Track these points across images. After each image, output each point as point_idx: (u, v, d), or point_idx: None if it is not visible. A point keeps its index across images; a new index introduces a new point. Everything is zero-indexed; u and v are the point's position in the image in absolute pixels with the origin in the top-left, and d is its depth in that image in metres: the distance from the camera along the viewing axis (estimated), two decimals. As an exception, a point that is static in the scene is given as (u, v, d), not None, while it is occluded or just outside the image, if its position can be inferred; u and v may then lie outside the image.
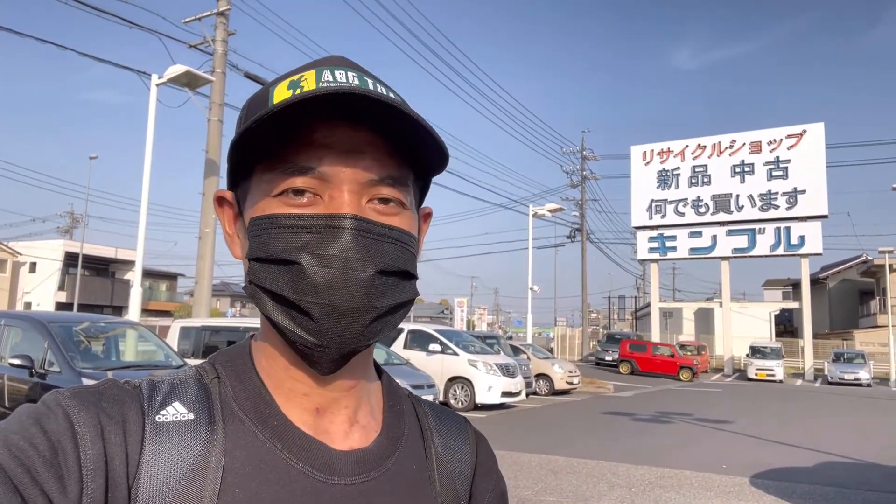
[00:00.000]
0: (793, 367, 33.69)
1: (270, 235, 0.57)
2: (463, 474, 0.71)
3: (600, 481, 7.63)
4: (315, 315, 0.56)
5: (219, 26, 15.68)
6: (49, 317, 7.90)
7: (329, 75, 0.59)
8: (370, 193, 0.59)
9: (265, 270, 0.58)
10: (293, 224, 0.57)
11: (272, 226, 0.57)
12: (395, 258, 0.59)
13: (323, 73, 0.59)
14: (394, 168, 0.60)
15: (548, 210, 25.07)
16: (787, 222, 31.80)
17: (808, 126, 32.13)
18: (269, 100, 0.59)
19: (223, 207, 0.66)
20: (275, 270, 0.57)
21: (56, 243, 42.31)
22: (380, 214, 0.59)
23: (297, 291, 0.56)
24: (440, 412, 0.76)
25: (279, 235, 0.57)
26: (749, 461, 9.12)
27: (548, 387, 18.92)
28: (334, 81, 0.58)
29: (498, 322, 77.38)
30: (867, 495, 7.38)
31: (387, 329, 0.60)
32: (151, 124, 11.58)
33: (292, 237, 0.56)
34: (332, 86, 0.57)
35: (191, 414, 0.59)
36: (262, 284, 0.58)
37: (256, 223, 0.59)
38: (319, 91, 0.53)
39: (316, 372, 0.61)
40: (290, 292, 0.56)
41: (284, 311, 0.57)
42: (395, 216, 0.60)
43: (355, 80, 0.59)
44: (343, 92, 0.53)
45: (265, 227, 0.58)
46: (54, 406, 0.55)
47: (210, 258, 15.15)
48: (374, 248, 0.57)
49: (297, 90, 0.58)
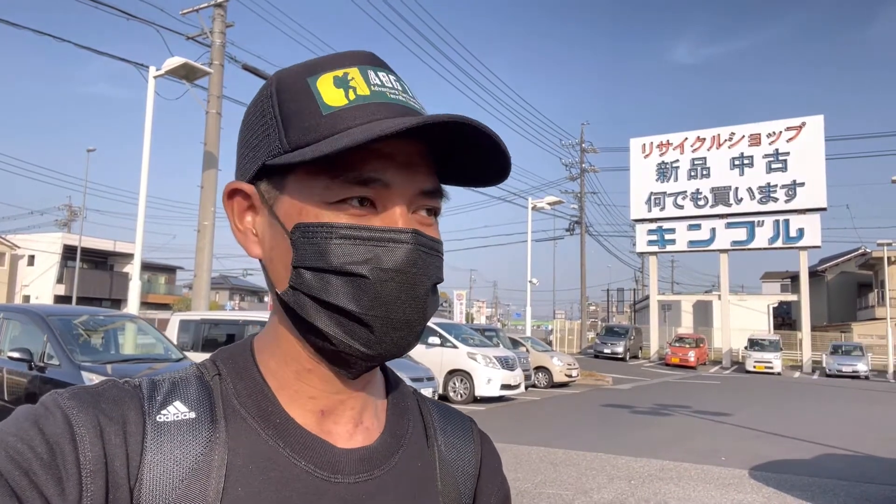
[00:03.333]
0: (791, 360, 33.79)
1: (330, 245, 0.56)
2: (467, 474, 0.71)
3: (600, 473, 7.65)
4: (376, 328, 0.56)
5: (217, 18, 15.60)
6: (48, 310, 7.88)
7: (374, 77, 0.58)
8: (416, 205, 0.59)
9: (320, 280, 0.56)
10: (358, 236, 0.56)
11: (332, 235, 0.56)
12: (439, 271, 0.60)
13: (368, 73, 0.59)
14: (436, 180, 0.61)
15: (547, 203, 25.05)
16: (785, 215, 31.83)
17: (807, 119, 32.12)
18: (316, 95, 0.57)
19: (234, 200, 0.63)
20: (334, 281, 0.56)
21: (54, 236, 42.25)
22: (423, 226, 0.59)
23: (361, 304, 0.55)
24: (445, 411, 0.75)
25: (341, 246, 0.55)
26: (748, 453, 9.15)
27: (547, 379, 18.97)
28: (382, 85, 0.58)
29: (497, 315, 77.48)
30: (866, 487, 7.41)
31: (420, 338, 0.61)
32: (149, 117, 11.54)
33: (355, 249, 0.55)
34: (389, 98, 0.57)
35: (192, 413, 0.58)
36: (313, 294, 0.56)
37: (309, 230, 0.57)
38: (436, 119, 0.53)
39: (345, 376, 0.61)
40: (352, 305, 0.55)
41: (339, 321, 0.56)
42: (431, 227, 0.60)
43: (396, 84, 0.60)
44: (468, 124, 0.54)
45: (323, 235, 0.56)
46: (53, 407, 0.54)
47: (209, 251, 15.12)
48: (429, 263, 0.58)
49: (349, 91, 0.57)
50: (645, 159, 35.59)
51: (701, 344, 32.07)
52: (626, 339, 33.18)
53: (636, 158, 35.88)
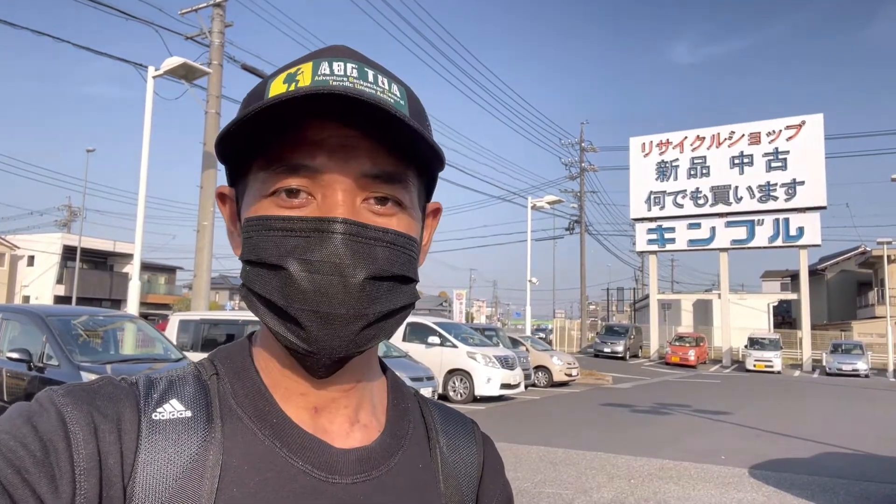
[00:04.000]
0: (791, 359, 33.79)
1: (261, 238, 0.56)
2: (469, 476, 0.70)
3: (599, 473, 7.65)
4: (304, 322, 0.54)
5: (216, 18, 15.59)
6: (47, 310, 7.89)
7: (326, 68, 0.57)
8: (365, 192, 0.57)
9: (256, 274, 0.57)
10: (282, 227, 0.55)
11: (262, 228, 0.56)
12: (390, 262, 0.56)
13: (320, 65, 0.57)
14: (390, 165, 0.57)
15: (546, 202, 25.04)
16: (785, 213, 31.82)
17: (807, 117, 32.10)
18: (266, 94, 0.57)
19: (225, 204, 0.65)
20: (265, 275, 0.56)
21: (54, 236, 42.24)
22: (375, 215, 0.57)
23: (286, 297, 0.54)
24: (447, 412, 0.75)
25: (269, 238, 0.55)
26: (747, 452, 9.15)
27: (547, 379, 18.96)
28: (331, 74, 0.56)
29: (497, 314, 77.47)
30: (865, 486, 7.41)
31: (382, 335, 0.58)
32: (148, 117, 11.53)
33: (281, 241, 0.55)
34: (327, 84, 0.55)
35: (188, 411, 0.57)
36: (252, 288, 0.57)
37: (248, 224, 0.58)
38: (300, 92, 0.51)
39: (311, 376, 0.60)
40: (279, 298, 0.55)
41: (276, 316, 0.56)
42: (392, 217, 0.58)
43: (354, 71, 0.57)
44: (324, 93, 0.51)
45: (256, 228, 0.56)
46: (47, 404, 0.53)
47: (208, 251, 15.12)
48: (365, 253, 0.55)
49: (292, 84, 0.56)
50: (644, 158, 35.57)
51: (701, 343, 32.07)
52: (625, 339, 33.18)
53: (636, 157, 35.86)
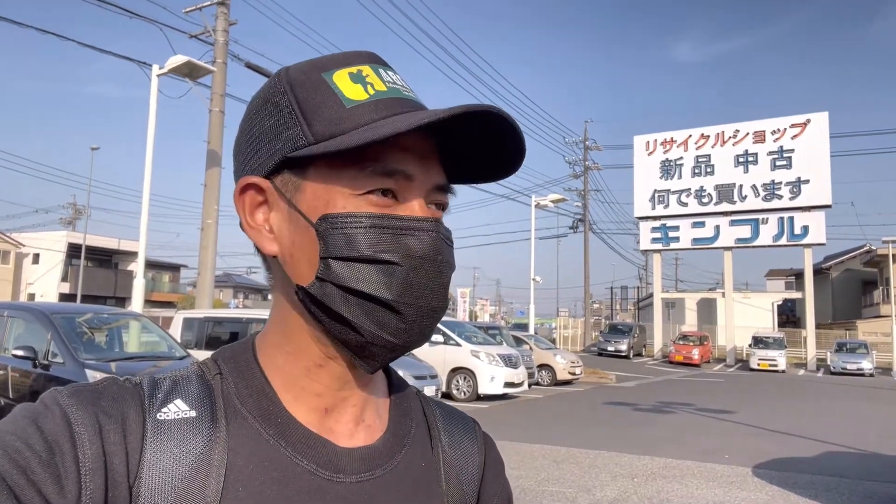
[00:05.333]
0: (795, 358, 33.70)
1: (360, 234, 0.56)
2: (471, 475, 0.70)
3: (602, 471, 7.65)
4: (407, 315, 0.57)
5: (220, 16, 15.60)
6: (52, 308, 7.91)
7: (385, 75, 0.61)
8: (430, 198, 0.61)
9: (350, 269, 0.56)
10: (385, 225, 0.57)
11: (361, 224, 0.56)
12: (455, 260, 0.63)
13: (379, 71, 0.61)
14: (445, 176, 0.63)
15: (550, 201, 25.03)
16: (790, 212, 31.71)
17: (812, 115, 31.97)
18: (335, 89, 0.58)
19: (246, 195, 0.61)
20: (365, 269, 0.56)
21: (59, 234, 42.36)
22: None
23: (392, 292, 0.56)
24: (448, 412, 0.75)
25: (370, 235, 0.56)
26: (751, 451, 9.14)
27: (550, 377, 18.96)
28: (393, 82, 0.60)
29: (500, 313, 77.45)
30: (869, 485, 7.39)
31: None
32: (153, 115, 11.55)
33: (384, 237, 0.56)
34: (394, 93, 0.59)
35: (193, 411, 0.58)
36: (344, 283, 0.56)
37: (338, 220, 0.57)
38: (475, 108, 0.54)
39: (365, 369, 0.61)
40: (383, 292, 0.56)
41: (368, 310, 0.57)
42: (441, 221, 0.62)
43: (400, 81, 0.62)
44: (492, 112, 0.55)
45: (353, 225, 0.56)
46: (52, 405, 0.54)
47: (213, 249, 15.14)
48: (450, 253, 0.61)
49: (366, 86, 0.59)
50: (649, 157, 35.50)
51: (705, 342, 32.02)
52: (629, 337, 33.16)
53: (640, 156, 35.78)
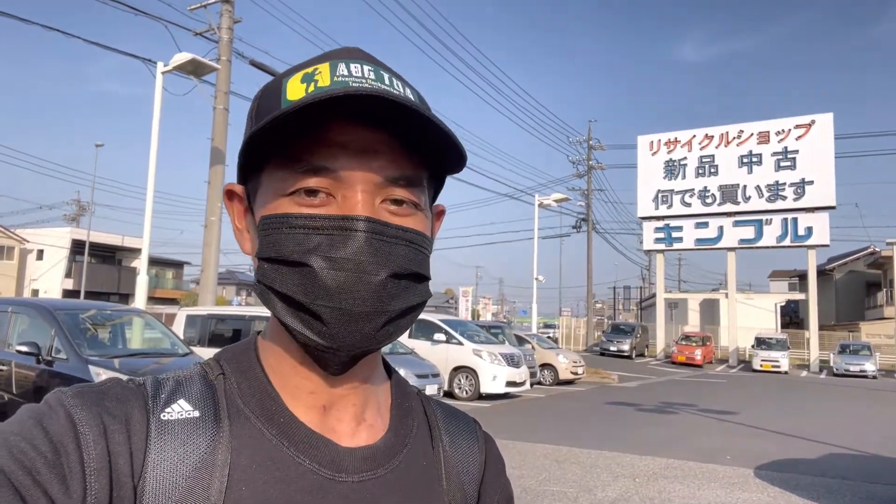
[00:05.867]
0: (798, 359, 33.62)
1: (281, 235, 0.56)
2: (471, 474, 0.71)
3: (604, 471, 7.64)
4: (326, 319, 0.55)
5: (224, 14, 15.61)
6: (56, 304, 7.94)
7: (344, 69, 0.57)
8: (384, 194, 0.58)
9: (275, 271, 0.57)
10: (305, 225, 0.56)
11: (283, 225, 0.56)
12: (408, 260, 0.58)
13: (338, 66, 0.58)
14: (408, 168, 0.59)
15: (553, 200, 25.02)
16: (794, 213, 31.61)
17: (816, 116, 31.86)
18: (282, 92, 0.58)
19: (233, 201, 0.65)
20: (285, 272, 0.56)
21: (63, 231, 42.47)
22: (393, 215, 0.58)
23: (308, 294, 0.55)
24: (449, 411, 0.75)
25: (290, 236, 0.56)
26: (753, 452, 9.12)
27: (552, 377, 18.94)
28: (349, 75, 0.57)
29: (503, 312, 77.42)
30: (871, 487, 7.37)
31: (399, 332, 0.60)
32: (157, 112, 11.57)
33: (304, 238, 0.55)
34: (348, 86, 0.55)
35: (196, 411, 0.58)
36: (271, 285, 0.57)
37: (267, 222, 0.58)
38: (334, 92, 0.52)
39: (325, 372, 0.61)
40: (300, 295, 0.55)
41: (294, 313, 0.57)
42: (408, 217, 0.59)
43: (371, 73, 0.58)
44: (360, 94, 0.52)
45: (276, 226, 0.57)
46: (56, 406, 0.54)
47: (216, 246, 15.17)
48: (386, 251, 0.56)
49: (311, 84, 0.57)
50: (653, 157, 35.42)
51: (707, 342, 31.95)
52: (632, 337, 33.10)
53: (644, 156, 35.71)
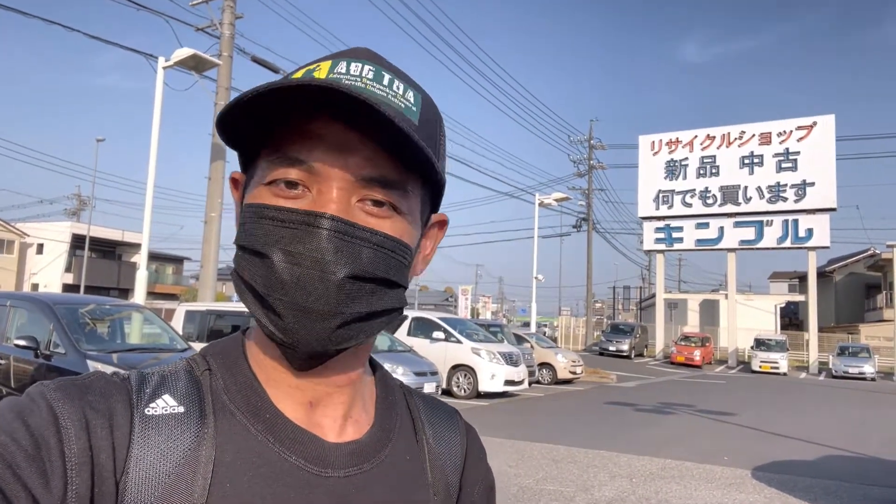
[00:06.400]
0: (797, 361, 33.63)
1: (253, 225, 0.57)
2: (454, 465, 0.71)
3: (601, 471, 7.64)
4: (280, 312, 0.55)
5: (226, 9, 15.60)
6: (55, 298, 7.94)
7: (343, 67, 0.57)
8: (362, 193, 0.57)
9: (245, 260, 0.57)
10: (273, 216, 0.56)
11: (256, 215, 0.57)
12: (374, 265, 0.56)
13: (338, 64, 0.58)
14: (389, 170, 0.57)
15: (554, 199, 25.02)
16: (794, 215, 31.59)
17: (818, 118, 31.82)
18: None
19: (237, 189, 0.65)
20: (252, 261, 0.56)
21: (63, 225, 42.47)
22: (369, 216, 0.57)
23: (267, 286, 0.55)
24: (431, 403, 0.76)
25: (260, 226, 0.56)
26: (751, 453, 9.12)
27: (551, 376, 18.95)
28: (347, 73, 0.57)
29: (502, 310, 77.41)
30: (869, 490, 7.37)
31: (362, 335, 0.58)
32: (158, 107, 11.57)
33: (271, 230, 0.55)
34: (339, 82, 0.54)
35: (181, 407, 0.58)
36: (241, 273, 0.58)
37: (246, 210, 0.59)
38: (293, 82, 0.51)
39: (292, 365, 0.60)
40: (261, 286, 0.55)
41: (258, 303, 0.57)
42: (385, 220, 0.58)
43: (370, 73, 0.58)
44: (323, 86, 0.51)
45: (251, 215, 0.57)
46: (38, 399, 0.53)
47: (216, 242, 15.18)
48: (349, 251, 0.55)
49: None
50: (654, 156, 35.40)
51: (706, 343, 31.95)
52: (631, 337, 33.12)
53: (645, 155, 35.69)
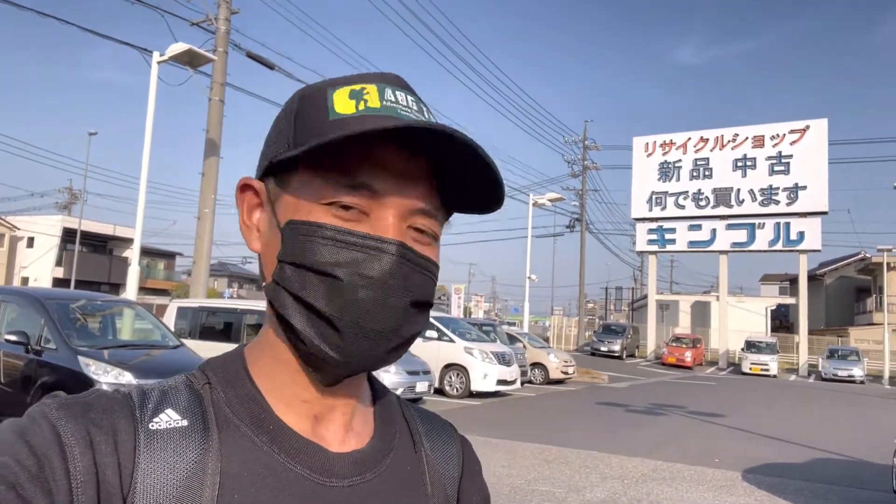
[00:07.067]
0: (787, 363, 33.83)
1: (314, 244, 0.56)
2: (451, 477, 0.72)
3: (593, 472, 7.66)
4: (345, 333, 0.56)
5: (222, 4, 15.53)
6: (46, 293, 7.88)
7: (391, 94, 0.59)
8: (410, 221, 0.59)
9: (300, 276, 0.57)
10: (342, 239, 0.56)
11: (317, 234, 0.56)
12: (427, 290, 0.60)
13: (385, 90, 0.59)
14: (434, 201, 0.61)
15: (548, 199, 25.04)
16: (786, 218, 31.78)
17: (811, 122, 32.01)
18: (329, 103, 0.58)
19: (245, 195, 0.64)
20: (312, 279, 0.56)
21: (54, 219, 42.20)
22: (415, 243, 0.59)
23: (331, 306, 0.55)
24: (427, 416, 0.77)
25: (324, 246, 0.56)
26: (741, 455, 9.17)
27: (543, 376, 18.99)
28: (397, 103, 0.58)
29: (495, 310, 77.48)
30: (858, 493, 7.43)
31: (402, 354, 0.61)
32: (152, 102, 11.51)
33: (337, 251, 0.56)
34: (397, 113, 0.57)
35: (184, 420, 0.58)
36: (291, 289, 0.57)
37: (298, 227, 0.58)
38: (406, 123, 0.53)
39: (319, 380, 0.61)
40: (324, 305, 0.56)
41: (312, 321, 0.57)
42: (427, 247, 0.60)
43: (413, 104, 0.60)
44: (428, 128, 0.53)
45: (309, 233, 0.57)
46: (40, 419, 0.53)
47: (209, 238, 15.11)
48: (412, 278, 0.57)
49: (360, 102, 0.58)
50: (647, 158, 35.51)
51: (698, 344, 32.11)
52: (623, 338, 33.22)
53: (639, 157, 35.79)
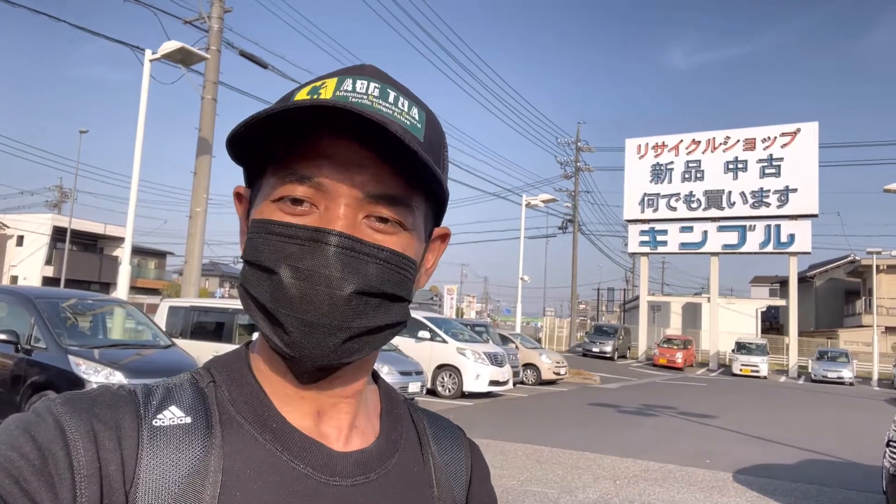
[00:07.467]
0: (777, 364, 34.04)
1: (261, 240, 0.58)
2: (460, 481, 0.72)
3: (585, 472, 7.68)
4: (288, 327, 0.56)
5: (215, 3, 15.45)
6: (36, 292, 7.83)
7: (349, 84, 0.58)
8: (368, 210, 0.58)
9: (252, 275, 0.58)
10: (281, 232, 0.57)
11: (263, 231, 0.58)
12: (380, 280, 0.57)
13: (344, 81, 0.59)
14: (395, 187, 0.58)
15: (541, 200, 25.08)
16: (777, 220, 31.98)
17: (802, 125, 32.22)
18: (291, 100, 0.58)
19: (241, 203, 0.66)
20: (260, 276, 0.57)
21: (44, 217, 41.93)
22: (375, 232, 0.58)
23: (274, 301, 0.56)
24: (435, 419, 0.77)
25: (268, 242, 0.57)
26: (732, 456, 9.22)
27: (535, 376, 19.02)
28: (353, 91, 0.58)
29: (487, 310, 77.56)
30: (848, 494, 7.47)
31: (368, 348, 0.59)
32: (144, 100, 11.44)
33: (279, 246, 0.56)
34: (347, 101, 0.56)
35: (188, 418, 0.58)
36: (248, 288, 0.58)
37: (253, 226, 0.60)
38: (306, 103, 0.53)
39: (296, 377, 0.61)
40: (268, 301, 0.56)
41: (265, 317, 0.58)
42: (391, 236, 0.59)
43: (376, 90, 0.58)
44: (328, 105, 0.53)
45: (258, 231, 0.58)
46: (44, 413, 0.53)
47: (200, 237, 15.04)
48: (356, 267, 0.56)
49: (314, 96, 0.58)
50: (640, 160, 35.64)
51: (689, 346, 32.23)
52: (614, 339, 33.31)
53: (631, 159, 35.92)
